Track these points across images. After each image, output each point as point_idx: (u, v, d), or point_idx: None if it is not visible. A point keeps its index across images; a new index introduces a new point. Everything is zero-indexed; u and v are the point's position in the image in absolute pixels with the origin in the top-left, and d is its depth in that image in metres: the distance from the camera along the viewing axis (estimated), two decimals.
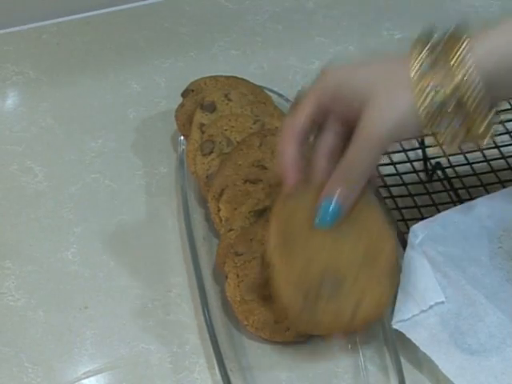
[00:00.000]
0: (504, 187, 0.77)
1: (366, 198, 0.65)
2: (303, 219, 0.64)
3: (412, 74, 0.59)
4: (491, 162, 0.80)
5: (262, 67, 0.93)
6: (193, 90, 0.82)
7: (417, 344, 0.65)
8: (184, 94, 0.83)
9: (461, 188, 0.78)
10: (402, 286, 0.67)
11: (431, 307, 0.66)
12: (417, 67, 0.60)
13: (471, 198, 0.76)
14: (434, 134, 0.60)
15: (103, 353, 0.69)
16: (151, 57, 0.95)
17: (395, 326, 0.66)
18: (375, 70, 0.62)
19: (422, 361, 0.66)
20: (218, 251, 0.72)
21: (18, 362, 0.69)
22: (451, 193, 0.77)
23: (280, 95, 0.84)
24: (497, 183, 0.78)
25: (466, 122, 0.60)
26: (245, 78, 0.84)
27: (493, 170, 0.79)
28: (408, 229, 0.74)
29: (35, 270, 0.75)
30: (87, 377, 0.68)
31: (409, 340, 0.65)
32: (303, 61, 0.93)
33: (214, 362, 0.66)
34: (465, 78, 0.58)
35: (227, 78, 0.83)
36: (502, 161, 0.80)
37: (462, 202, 0.76)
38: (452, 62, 0.59)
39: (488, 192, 0.77)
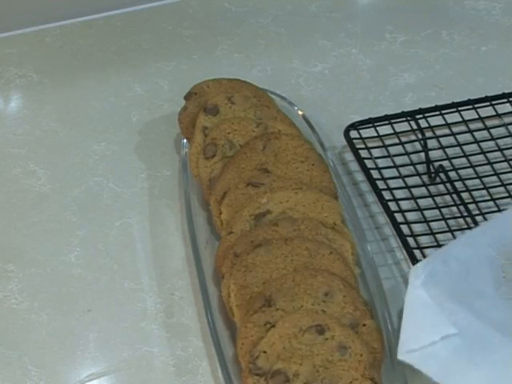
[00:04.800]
0: (507, 190, 0.78)
1: None
2: None
3: None
4: (494, 165, 0.80)
5: (265, 70, 0.93)
6: (196, 93, 0.82)
7: (429, 375, 0.62)
8: (187, 97, 0.83)
9: (463, 191, 0.78)
10: (405, 321, 0.65)
11: (443, 338, 0.64)
12: None
13: (474, 201, 0.76)
14: None
15: (106, 356, 0.70)
16: (154, 60, 0.95)
17: (402, 357, 0.63)
18: None
19: None
20: (217, 254, 0.72)
21: (22, 365, 0.69)
22: (454, 195, 0.77)
23: (283, 98, 0.84)
24: (499, 186, 0.78)
25: None
26: (248, 80, 0.84)
27: (496, 173, 0.79)
28: (411, 232, 0.74)
29: (38, 272, 0.75)
30: (90, 380, 0.68)
31: (419, 376, 0.64)
32: (306, 64, 0.94)
33: (217, 364, 0.66)
34: None
35: (230, 80, 0.83)
36: (504, 163, 0.80)
37: (464, 204, 0.76)
38: None
39: (490, 194, 0.77)
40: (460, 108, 0.85)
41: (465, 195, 0.77)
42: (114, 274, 0.75)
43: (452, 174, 0.79)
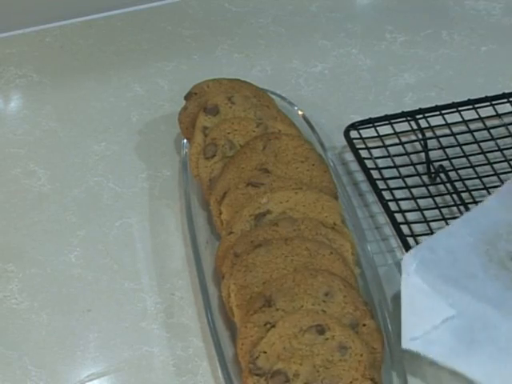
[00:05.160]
0: None
1: None
2: None
3: None
4: (494, 165, 0.80)
5: (266, 70, 0.93)
6: (196, 93, 0.82)
7: (434, 359, 0.64)
8: (187, 97, 0.83)
9: (464, 191, 0.78)
10: (405, 310, 0.66)
11: (443, 322, 0.65)
12: None
13: (474, 201, 0.76)
14: None
15: (106, 356, 0.70)
16: (154, 60, 0.95)
17: (406, 345, 0.65)
18: None
19: None
20: (217, 254, 0.72)
21: (22, 365, 0.69)
22: (454, 195, 0.77)
23: (283, 98, 0.84)
24: (500, 186, 0.78)
25: None
26: (248, 80, 0.84)
27: (496, 173, 0.79)
28: (411, 231, 0.74)
29: (38, 272, 0.75)
30: (90, 380, 0.68)
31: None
32: (306, 64, 0.94)
33: (217, 365, 0.66)
34: None
35: (230, 80, 0.83)
36: (504, 163, 0.80)
37: (465, 204, 0.76)
38: None
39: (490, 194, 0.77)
40: (460, 108, 0.85)
41: (465, 195, 0.77)
42: (114, 274, 0.75)
43: (452, 174, 0.79)
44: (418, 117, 0.84)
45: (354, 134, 0.83)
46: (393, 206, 0.77)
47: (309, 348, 0.63)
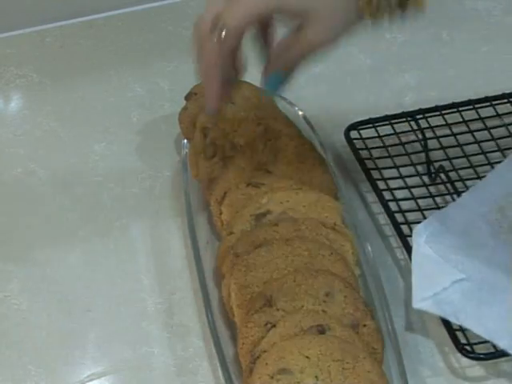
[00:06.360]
0: None
1: None
2: None
3: None
4: (494, 165, 0.80)
5: None
6: (196, 94, 0.82)
7: (443, 317, 0.66)
8: (187, 98, 0.83)
9: (464, 191, 0.77)
10: (415, 274, 0.68)
11: (452, 284, 0.67)
12: None
13: None
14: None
15: (106, 356, 0.70)
16: (154, 60, 0.95)
17: (416, 305, 0.67)
18: None
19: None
20: (218, 254, 0.72)
21: (22, 365, 0.69)
22: (455, 196, 0.77)
23: (283, 98, 0.84)
24: None
25: None
26: (248, 81, 0.84)
27: None
28: (411, 231, 0.74)
29: (38, 272, 0.75)
30: (90, 380, 0.68)
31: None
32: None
33: (218, 365, 0.66)
34: None
35: None
36: None
37: None
38: None
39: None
40: (460, 108, 0.85)
41: None
42: (114, 274, 0.75)
43: (452, 175, 0.79)
44: (418, 117, 0.84)
45: (354, 134, 0.83)
46: (393, 206, 0.77)
47: None
